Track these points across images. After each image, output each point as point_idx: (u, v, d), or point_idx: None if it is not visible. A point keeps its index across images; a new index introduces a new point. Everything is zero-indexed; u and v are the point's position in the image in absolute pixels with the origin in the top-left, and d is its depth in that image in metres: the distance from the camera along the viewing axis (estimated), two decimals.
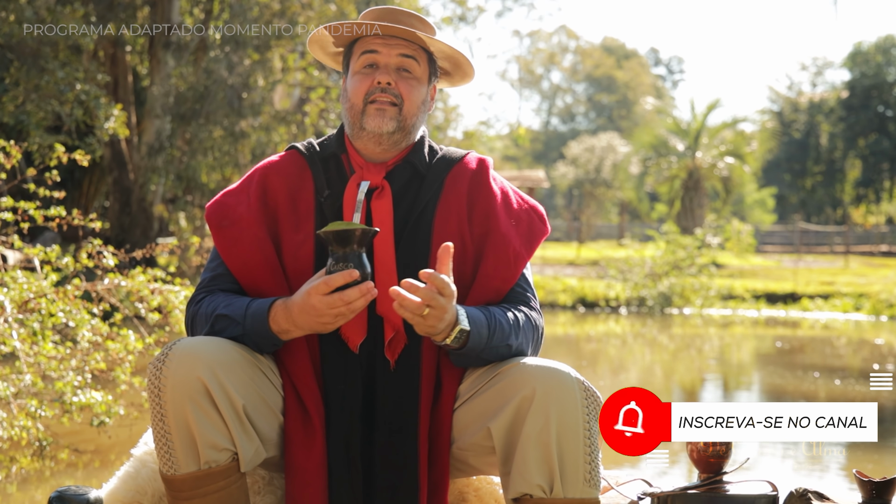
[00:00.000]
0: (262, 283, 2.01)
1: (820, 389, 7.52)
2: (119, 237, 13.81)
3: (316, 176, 2.08)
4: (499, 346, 1.94)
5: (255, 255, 2.02)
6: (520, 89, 58.77)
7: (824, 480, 4.45)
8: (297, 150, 2.13)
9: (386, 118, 2.04)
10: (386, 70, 2.05)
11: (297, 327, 1.89)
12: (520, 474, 1.88)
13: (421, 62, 2.09)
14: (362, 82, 2.05)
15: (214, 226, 2.06)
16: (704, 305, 15.96)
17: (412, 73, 2.07)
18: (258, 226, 2.03)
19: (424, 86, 2.10)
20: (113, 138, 13.23)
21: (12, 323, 4.42)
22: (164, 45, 13.76)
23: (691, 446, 2.21)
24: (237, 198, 2.08)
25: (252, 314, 1.92)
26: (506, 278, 2.03)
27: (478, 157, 2.15)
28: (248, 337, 1.93)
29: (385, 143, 2.05)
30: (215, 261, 2.07)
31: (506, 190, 2.14)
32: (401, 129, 2.05)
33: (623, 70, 54.41)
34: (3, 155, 4.58)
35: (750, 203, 40.33)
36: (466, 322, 1.89)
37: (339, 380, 1.99)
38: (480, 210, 2.08)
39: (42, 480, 4.03)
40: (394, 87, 2.05)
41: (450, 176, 2.10)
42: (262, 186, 2.08)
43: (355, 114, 2.06)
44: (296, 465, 1.96)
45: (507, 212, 2.10)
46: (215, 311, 1.96)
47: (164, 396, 1.86)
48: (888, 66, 39.09)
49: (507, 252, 2.04)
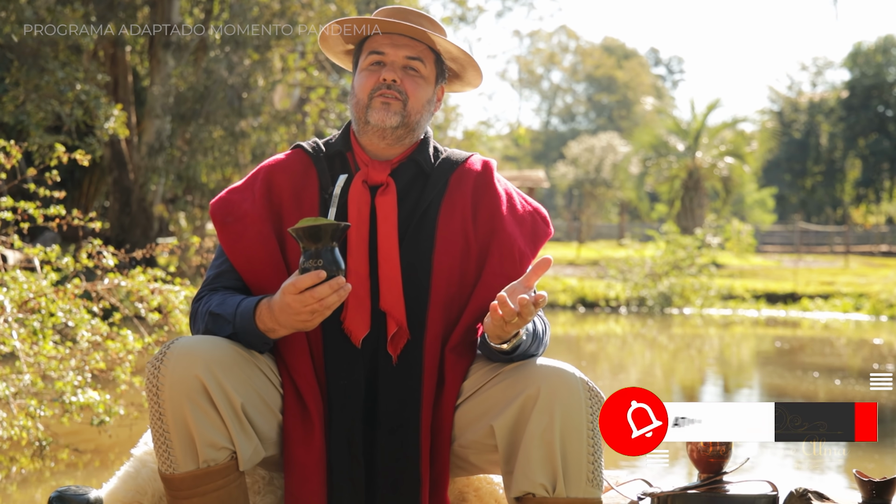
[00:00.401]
0: (266, 280, 2.01)
1: (820, 389, 7.52)
2: (119, 237, 13.81)
3: (321, 173, 2.09)
4: (530, 348, 1.98)
5: (258, 251, 2.02)
6: (520, 89, 58.78)
7: (824, 480, 4.45)
8: (302, 149, 2.15)
9: (390, 112, 2.05)
10: (392, 68, 2.07)
11: (280, 326, 1.89)
12: (523, 473, 1.88)
13: (428, 63, 2.10)
14: (368, 79, 2.07)
15: (219, 221, 2.07)
16: (704, 305, 15.96)
17: (418, 72, 2.09)
18: (262, 222, 2.04)
19: (431, 86, 2.12)
20: (113, 138, 13.23)
21: (12, 323, 4.42)
22: (164, 45, 13.76)
23: (691, 446, 2.21)
24: (242, 194, 2.09)
25: (241, 313, 1.93)
26: (511, 276, 2.04)
27: (482, 160, 2.17)
28: (240, 336, 1.94)
29: (389, 137, 2.06)
30: (220, 258, 2.08)
31: (510, 192, 2.16)
32: (405, 124, 2.07)
33: (623, 70, 54.41)
34: (3, 155, 4.58)
35: (750, 203, 40.32)
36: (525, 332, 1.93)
37: (341, 375, 1.99)
38: (485, 211, 2.09)
39: (42, 480, 4.03)
40: (399, 84, 2.06)
41: (454, 176, 2.11)
42: (267, 183, 2.09)
43: (360, 108, 2.07)
44: (295, 462, 1.96)
45: (511, 213, 2.11)
46: (209, 310, 1.97)
47: (162, 395, 1.86)
48: (888, 66, 39.09)
49: (512, 251, 2.06)
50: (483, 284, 2.04)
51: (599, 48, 56.44)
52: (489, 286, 2.03)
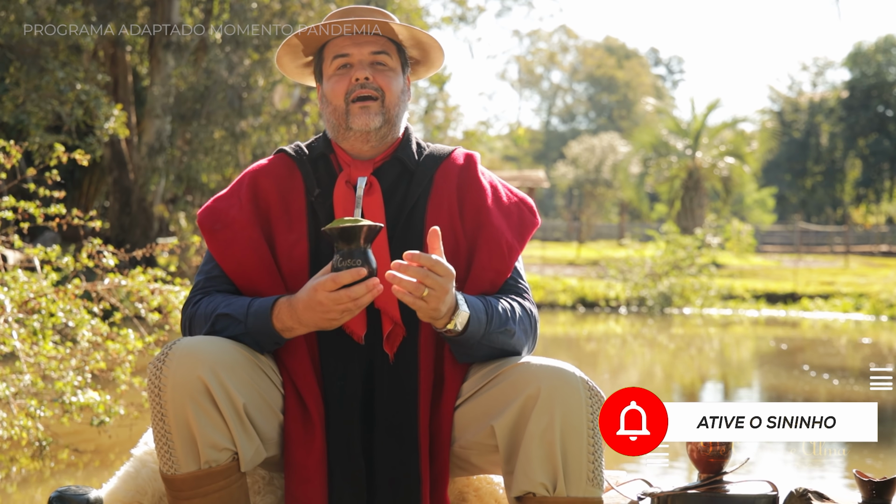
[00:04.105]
0: (259, 284, 2.02)
1: (820, 389, 7.52)
2: (119, 237, 13.82)
3: (305, 176, 2.09)
4: (498, 333, 1.95)
5: (250, 255, 2.02)
6: (520, 89, 58.78)
7: (824, 480, 4.45)
8: (285, 153, 2.15)
9: (371, 114, 2.05)
10: (361, 66, 2.07)
11: (301, 324, 1.89)
12: (523, 472, 1.88)
13: (393, 55, 2.11)
14: (340, 82, 2.07)
15: (207, 230, 2.07)
16: (704, 305, 15.96)
17: (386, 65, 2.09)
18: (251, 227, 2.04)
19: (400, 76, 2.12)
20: (113, 138, 13.23)
21: (12, 323, 4.42)
22: (164, 45, 13.76)
23: (691, 446, 2.21)
24: (228, 202, 2.10)
25: (254, 313, 1.92)
26: (500, 270, 2.04)
27: (465, 153, 2.17)
28: (250, 335, 1.94)
29: (373, 139, 2.07)
30: (209, 264, 2.08)
31: (495, 184, 2.16)
32: (387, 122, 2.07)
33: (623, 70, 54.41)
34: (3, 155, 4.58)
35: (750, 203, 40.34)
36: (466, 306, 1.90)
37: (338, 375, 1.99)
38: (471, 204, 2.09)
39: (42, 480, 4.03)
40: (372, 80, 2.06)
41: (439, 172, 2.11)
42: (253, 189, 2.10)
43: (339, 115, 2.07)
44: (295, 462, 1.96)
45: (497, 205, 2.11)
46: (216, 311, 1.97)
47: (164, 396, 1.86)
48: (888, 66, 39.09)
49: (500, 244, 2.06)
50: (473, 279, 2.03)
51: (599, 48, 56.44)
52: (479, 280, 2.03)
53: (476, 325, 1.91)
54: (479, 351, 1.97)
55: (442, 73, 22.26)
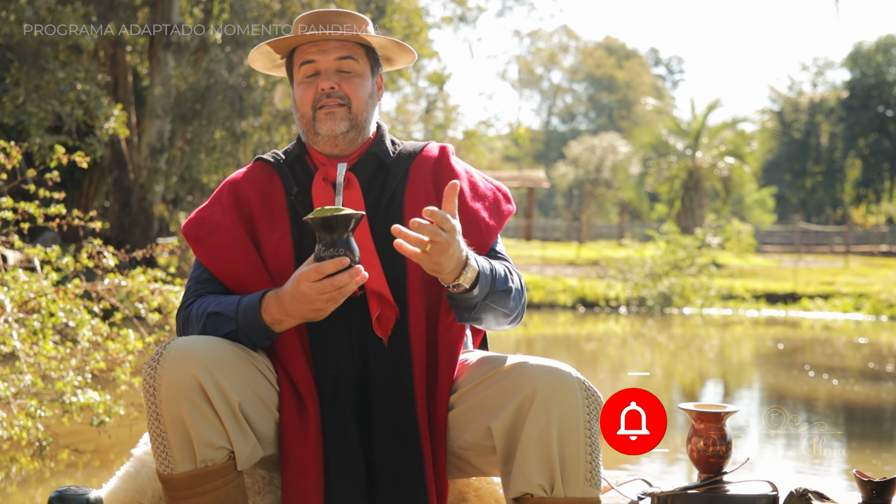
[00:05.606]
0: (249, 282, 2.04)
1: (820, 389, 7.52)
2: (119, 237, 13.82)
3: (284, 177, 2.13)
4: (501, 290, 1.97)
5: (237, 255, 2.05)
6: (520, 89, 58.79)
7: (824, 480, 4.45)
8: (261, 160, 2.19)
9: (337, 120, 2.08)
10: (327, 75, 2.09)
11: (289, 316, 1.90)
12: (521, 473, 1.88)
13: (360, 58, 2.13)
14: (307, 91, 2.10)
15: (193, 238, 2.11)
16: (704, 305, 15.97)
17: (353, 71, 2.11)
18: (236, 228, 2.08)
19: (368, 79, 2.14)
20: (113, 138, 13.23)
21: (12, 323, 4.42)
22: (164, 45, 13.76)
23: (691, 446, 2.22)
24: (211, 209, 2.14)
25: (244, 308, 1.94)
26: (480, 245, 2.06)
27: (439, 145, 2.21)
28: (242, 332, 1.95)
29: (341, 143, 2.10)
30: (199, 269, 2.11)
31: (469, 172, 2.20)
32: (354, 126, 2.10)
33: (623, 70, 54.42)
34: (3, 155, 4.58)
35: (750, 203, 40.33)
36: (476, 263, 1.90)
37: (331, 364, 2.00)
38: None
39: (42, 480, 4.03)
40: (338, 89, 2.09)
41: (414, 163, 2.15)
42: (234, 195, 2.14)
43: (307, 122, 2.11)
44: (290, 452, 1.96)
45: (473, 190, 2.15)
46: (206, 311, 1.99)
47: (159, 395, 1.86)
48: (888, 66, 39.10)
49: (477, 223, 2.09)
50: None
51: (599, 48, 56.45)
52: None
53: (483, 283, 1.92)
54: (480, 311, 1.97)
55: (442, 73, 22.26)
